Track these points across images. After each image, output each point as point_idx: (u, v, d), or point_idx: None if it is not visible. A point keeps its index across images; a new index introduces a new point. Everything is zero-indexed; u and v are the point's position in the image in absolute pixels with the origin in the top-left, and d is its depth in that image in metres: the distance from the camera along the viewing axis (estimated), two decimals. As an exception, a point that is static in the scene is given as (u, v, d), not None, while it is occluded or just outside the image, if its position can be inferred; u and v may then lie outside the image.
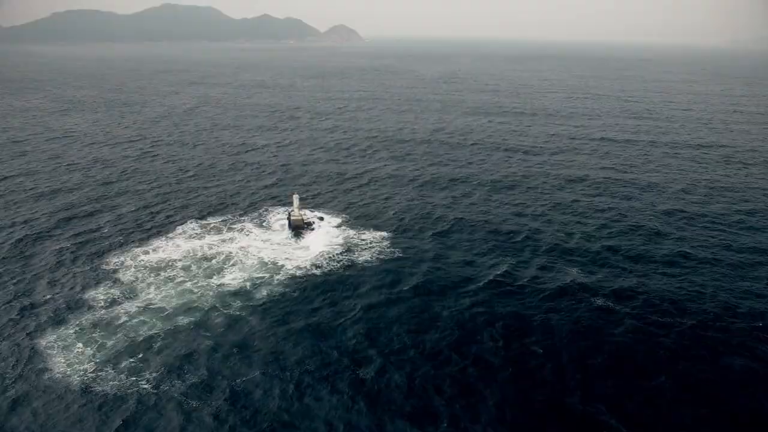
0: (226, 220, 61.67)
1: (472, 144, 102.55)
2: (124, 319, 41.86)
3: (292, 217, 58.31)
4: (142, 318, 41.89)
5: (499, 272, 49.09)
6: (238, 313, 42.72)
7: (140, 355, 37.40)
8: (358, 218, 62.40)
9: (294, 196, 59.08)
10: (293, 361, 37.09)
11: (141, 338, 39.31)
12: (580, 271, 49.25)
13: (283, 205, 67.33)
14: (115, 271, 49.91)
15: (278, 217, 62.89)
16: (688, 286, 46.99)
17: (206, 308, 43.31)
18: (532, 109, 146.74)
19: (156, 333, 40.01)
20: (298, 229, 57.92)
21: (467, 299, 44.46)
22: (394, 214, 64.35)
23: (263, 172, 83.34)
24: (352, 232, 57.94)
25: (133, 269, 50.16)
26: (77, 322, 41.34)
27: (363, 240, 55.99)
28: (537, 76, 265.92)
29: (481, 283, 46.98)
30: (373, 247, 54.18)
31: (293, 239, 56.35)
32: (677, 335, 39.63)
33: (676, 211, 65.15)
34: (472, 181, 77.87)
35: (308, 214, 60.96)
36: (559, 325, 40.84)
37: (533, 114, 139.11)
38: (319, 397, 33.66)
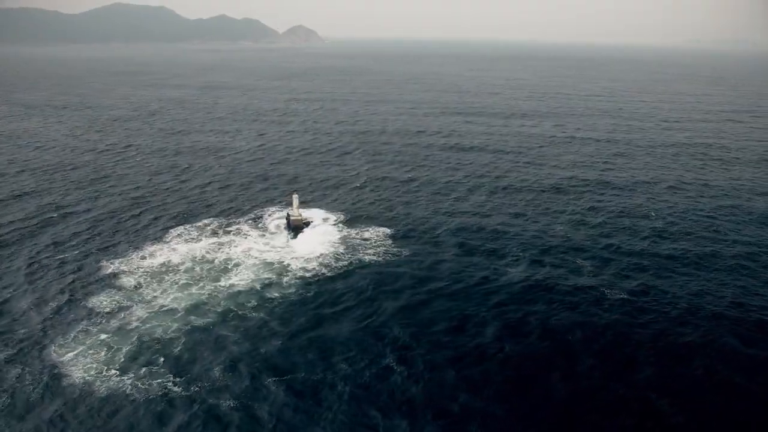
0: (221, 223, 61.85)
1: (455, 144, 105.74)
2: (135, 324, 41.83)
3: (291, 218, 59.16)
4: (155, 322, 41.96)
5: (515, 270, 51.03)
6: (254, 314, 43.36)
7: (161, 359, 37.59)
8: (356, 217, 63.78)
9: (293, 195, 59.98)
10: (323, 361, 37.96)
11: (158, 341, 39.50)
12: (593, 268, 51.67)
13: (277, 205, 68.01)
14: (114, 276, 49.53)
15: (275, 218, 63.54)
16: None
17: (219, 309, 43.75)
18: (501, 110, 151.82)
19: (173, 336, 40.24)
20: (298, 229, 58.83)
21: (493, 297, 46.10)
22: (393, 212, 66.01)
23: (252, 173, 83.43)
24: (353, 231, 59.29)
25: (133, 275, 49.92)
26: (87, 330, 41.00)
27: (366, 239, 57.40)
28: (499, 76, 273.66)
29: (500, 281, 48.72)
30: (378, 246, 55.64)
31: (294, 239, 57.23)
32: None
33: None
34: (468, 182, 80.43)
35: (305, 214, 61.91)
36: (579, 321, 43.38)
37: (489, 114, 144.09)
38: (354, 397, 34.62)
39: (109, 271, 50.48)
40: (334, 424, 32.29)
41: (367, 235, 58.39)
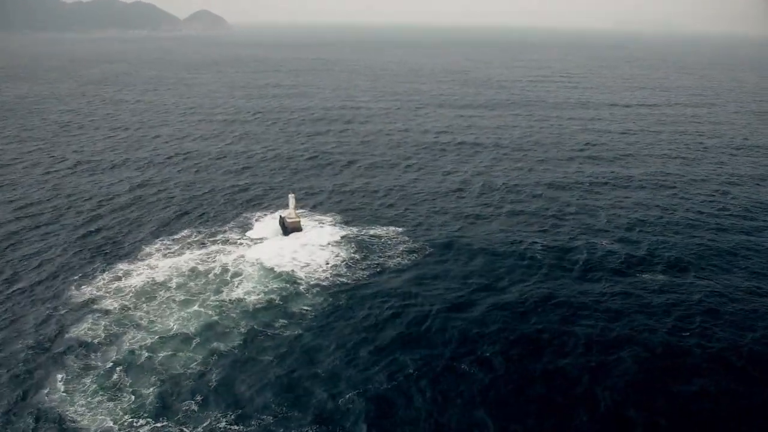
0: (204, 233, 57.88)
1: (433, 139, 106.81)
2: (145, 354, 38.11)
3: (288, 220, 56.73)
4: (168, 350, 38.43)
5: (550, 260, 51.99)
6: (284, 331, 40.92)
7: (199, 398, 34.38)
8: (355, 216, 62.24)
9: (290, 195, 57.41)
10: (391, 369, 36.79)
11: (183, 377, 36.13)
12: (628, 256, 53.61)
13: (262, 209, 64.77)
14: (92, 301, 44.81)
15: (264, 222, 60.59)
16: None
17: (240, 329, 40.89)
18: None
19: (198, 368, 36.94)
20: (296, 231, 56.61)
21: (535, 290, 46.53)
22: (395, 209, 65.27)
23: (221, 177, 78.01)
24: (355, 230, 57.91)
25: (113, 297, 45.47)
26: (87, 366, 36.77)
27: (373, 237, 56.32)
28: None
29: (541, 274, 49.40)
30: (392, 245, 54.82)
31: (293, 243, 54.88)
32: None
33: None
34: (464, 176, 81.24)
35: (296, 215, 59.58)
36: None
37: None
38: (446, 399, 34.00)
39: (85, 297, 45.55)
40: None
41: (374, 233, 57.29)
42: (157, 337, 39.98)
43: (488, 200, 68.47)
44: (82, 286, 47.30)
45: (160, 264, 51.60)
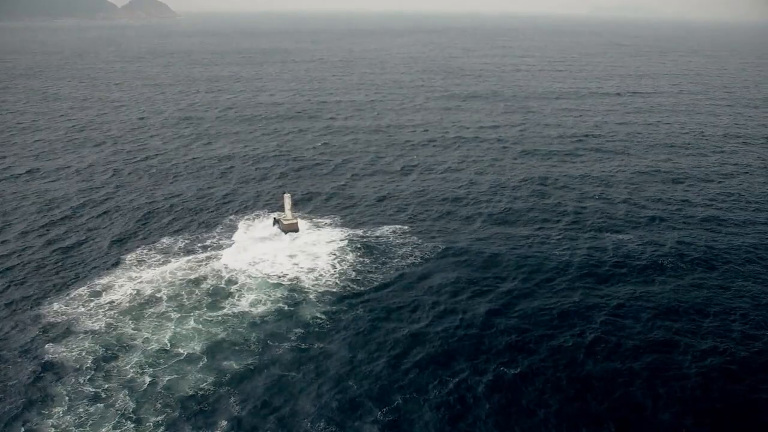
0: (188, 238, 54.27)
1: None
2: (148, 379, 34.85)
3: (284, 222, 53.90)
4: (173, 374, 35.24)
5: (577, 253, 51.39)
6: (295, 344, 38.41)
7: (223, 422, 31.60)
8: (355, 217, 59.81)
9: (285, 195, 54.40)
10: (440, 375, 35.33)
11: (193, 399, 33.22)
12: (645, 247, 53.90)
13: (249, 212, 61.29)
14: (72, 323, 40.85)
15: (254, 225, 57.31)
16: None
17: (251, 346, 38.03)
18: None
19: (210, 389, 34.07)
20: (293, 233, 53.89)
21: (568, 291, 45.53)
22: (396, 207, 63.34)
23: (202, 178, 73.74)
24: (358, 232, 55.49)
25: (95, 315, 41.65)
26: (79, 398, 33.17)
27: (379, 238, 54.11)
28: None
29: (570, 270, 48.70)
30: (396, 245, 52.70)
31: (291, 247, 52.11)
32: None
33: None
34: (462, 167, 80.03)
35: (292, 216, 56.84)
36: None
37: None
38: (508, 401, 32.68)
39: (63, 318, 41.43)
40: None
41: (380, 234, 55.16)
42: (156, 358, 36.74)
43: (493, 197, 67.10)
44: (57, 306, 43.15)
45: (143, 275, 47.91)
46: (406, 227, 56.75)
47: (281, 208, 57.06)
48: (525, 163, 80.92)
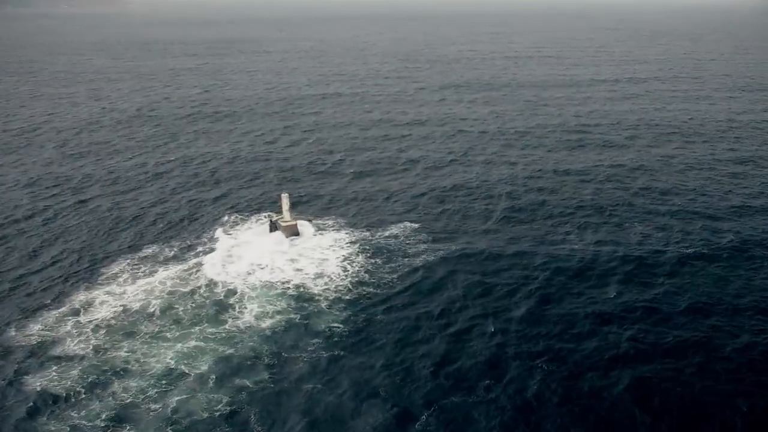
0: (175, 246, 50.49)
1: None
2: (151, 405, 31.22)
3: (283, 223, 50.63)
4: (181, 395, 31.83)
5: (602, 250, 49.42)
6: (314, 355, 35.40)
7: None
8: (358, 217, 56.66)
9: (282, 195, 50.97)
10: (484, 381, 33.17)
11: (209, 422, 30.07)
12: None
13: (237, 214, 57.66)
14: (50, 346, 36.88)
15: (247, 227, 54.01)
16: None
17: (259, 359, 35.01)
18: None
19: (226, 409, 30.88)
20: (293, 236, 50.69)
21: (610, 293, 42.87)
22: (398, 202, 60.70)
23: (185, 180, 69.29)
24: (365, 233, 52.26)
25: (80, 336, 37.80)
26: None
27: (389, 238, 51.12)
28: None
29: (598, 266, 46.55)
30: (408, 244, 49.79)
31: (292, 251, 48.90)
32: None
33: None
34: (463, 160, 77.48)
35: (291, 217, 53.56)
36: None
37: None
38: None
39: (38, 340, 37.40)
40: None
41: (390, 233, 52.21)
42: (157, 380, 33.27)
43: (503, 190, 64.17)
44: (29, 327, 39.08)
45: (128, 289, 44.11)
46: (416, 225, 53.74)
47: (277, 210, 53.77)
48: (532, 154, 78.65)
